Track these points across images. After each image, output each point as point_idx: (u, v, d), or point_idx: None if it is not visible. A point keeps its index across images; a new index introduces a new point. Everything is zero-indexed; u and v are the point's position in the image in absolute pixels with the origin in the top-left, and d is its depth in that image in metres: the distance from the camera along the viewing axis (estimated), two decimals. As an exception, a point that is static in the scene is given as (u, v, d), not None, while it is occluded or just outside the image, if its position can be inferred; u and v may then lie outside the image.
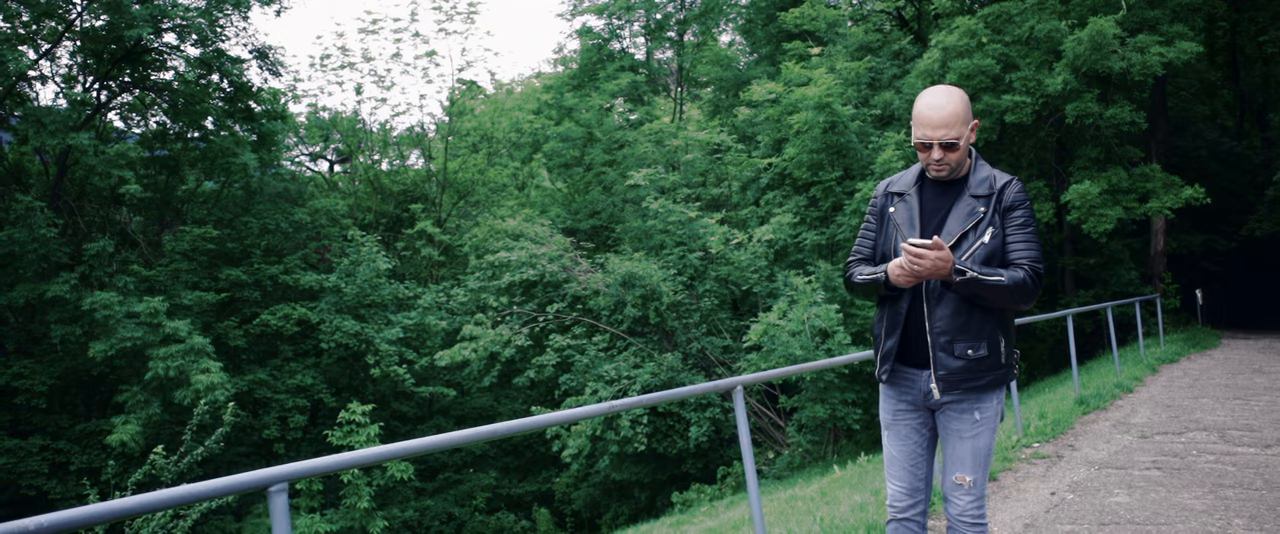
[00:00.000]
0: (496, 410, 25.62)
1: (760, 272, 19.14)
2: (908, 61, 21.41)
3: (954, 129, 3.18)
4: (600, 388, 19.81)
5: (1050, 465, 7.30)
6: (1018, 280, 3.17)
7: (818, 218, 19.53)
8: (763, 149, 21.51)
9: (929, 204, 3.36)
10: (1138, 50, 17.46)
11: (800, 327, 16.39)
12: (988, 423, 3.37)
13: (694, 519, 14.40)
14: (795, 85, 18.81)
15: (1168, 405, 9.98)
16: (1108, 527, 5.47)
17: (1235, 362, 14.38)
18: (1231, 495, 6.04)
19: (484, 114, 28.73)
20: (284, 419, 20.43)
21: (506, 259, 21.49)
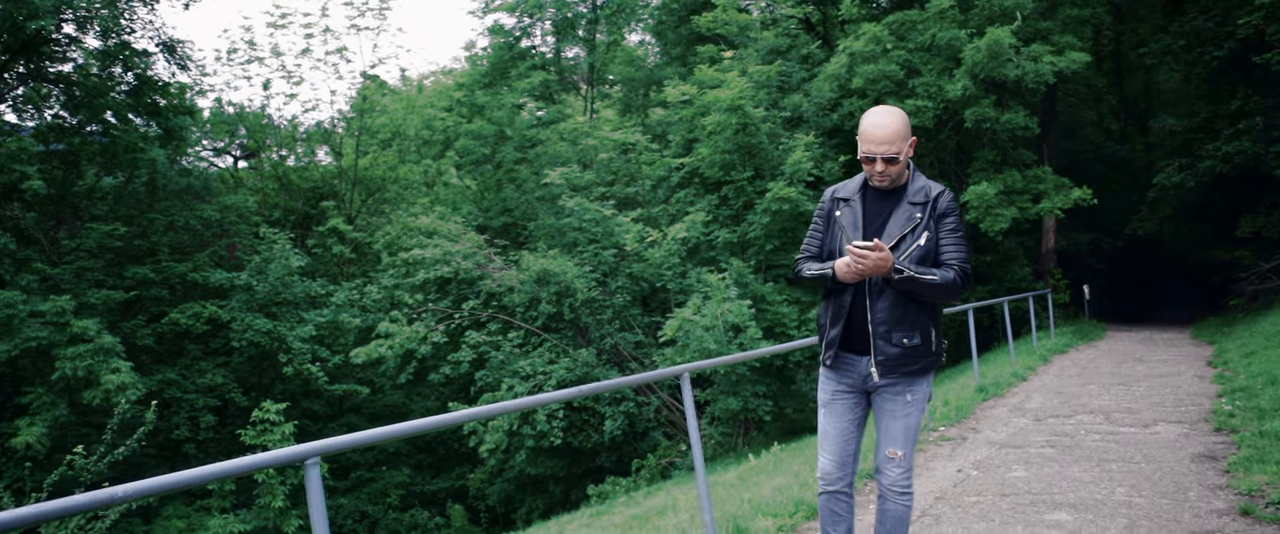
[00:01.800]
0: (408, 408, 25.57)
1: (674, 269, 19.54)
2: (816, 66, 22.05)
3: (895, 145, 3.59)
4: (516, 384, 19.98)
5: (955, 446, 7.82)
6: (949, 279, 3.60)
7: (729, 216, 20.01)
8: (674, 148, 21.94)
9: (871, 209, 3.74)
10: (1032, 59, 18.37)
11: (714, 322, 16.82)
12: (917, 404, 3.81)
13: (613, 510, 14.70)
14: (708, 87, 19.26)
15: (1059, 392, 10.67)
16: (1008, 497, 5.97)
17: (1119, 352, 15.30)
18: (1115, 468, 6.62)
19: (396, 110, 28.55)
20: (194, 419, 20.09)
21: (421, 256, 21.48)
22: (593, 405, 20.47)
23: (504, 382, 19.94)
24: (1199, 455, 6.85)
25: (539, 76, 28.27)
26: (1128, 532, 5.14)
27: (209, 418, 20.36)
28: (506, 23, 29.91)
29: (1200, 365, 12.51)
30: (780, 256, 19.31)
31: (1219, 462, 6.60)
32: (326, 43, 28.11)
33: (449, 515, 22.49)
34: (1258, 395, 8.75)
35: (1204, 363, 12.76)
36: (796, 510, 5.90)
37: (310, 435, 21.79)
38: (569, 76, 32.71)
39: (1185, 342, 16.85)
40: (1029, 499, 5.91)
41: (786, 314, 18.58)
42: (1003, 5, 19.08)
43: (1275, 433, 6.88)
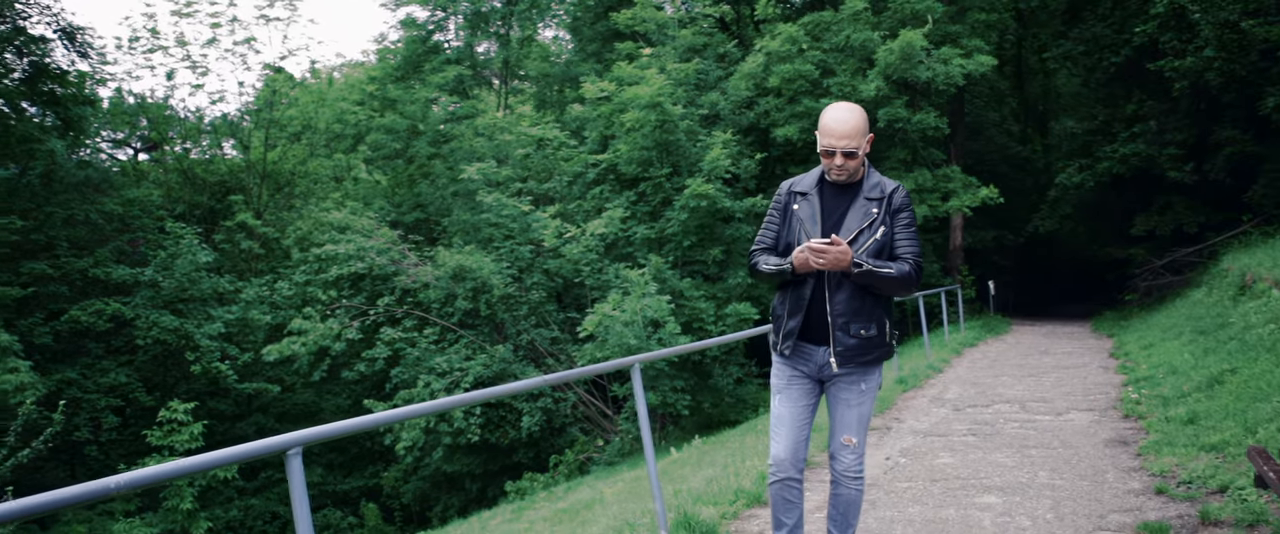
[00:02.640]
0: (319, 406, 25.11)
1: (592, 265, 19.58)
2: (732, 64, 22.31)
3: (855, 140, 3.65)
4: (432, 381, 19.78)
5: (882, 435, 8.02)
6: (904, 272, 3.70)
7: (647, 212, 20.13)
8: (590, 144, 21.97)
9: (829, 203, 3.81)
10: (942, 61, 18.89)
11: (633, 317, 16.90)
12: (870, 393, 3.93)
13: (535, 505, 14.68)
14: (627, 84, 19.34)
15: (974, 383, 11.02)
16: (938, 482, 6.16)
17: (1025, 345, 15.83)
18: (1035, 454, 6.88)
19: (306, 103, 27.93)
20: (96, 420, 19.41)
21: (334, 252, 21.11)
22: (510, 401, 20.38)
23: (420, 379, 19.73)
24: (1112, 441, 7.16)
25: (453, 71, 28.00)
26: (1053, 512, 5.36)
27: (112, 419, 19.72)
28: (419, 16, 29.56)
29: (1103, 357, 13.04)
30: (698, 252, 19.50)
31: (1130, 446, 6.91)
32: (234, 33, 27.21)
33: (362, 515, 22.13)
34: (1160, 384, 9.17)
35: (1106, 355, 13.30)
36: (737, 499, 6.00)
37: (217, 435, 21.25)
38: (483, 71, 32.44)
39: (1086, 335, 17.51)
40: (958, 483, 6.11)
41: (704, 309, 18.78)
42: (914, 9, 19.58)
43: (1180, 419, 7.22)
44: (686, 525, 5.18)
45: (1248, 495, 5.05)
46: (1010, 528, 5.12)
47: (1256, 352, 8.72)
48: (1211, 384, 8.20)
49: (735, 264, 20.07)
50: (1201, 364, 9.46)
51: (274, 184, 27.83)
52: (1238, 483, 5.27)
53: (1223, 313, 12.19)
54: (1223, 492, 5.29)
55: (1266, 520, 4.69)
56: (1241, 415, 6.69)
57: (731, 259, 20.04)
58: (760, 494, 6.12)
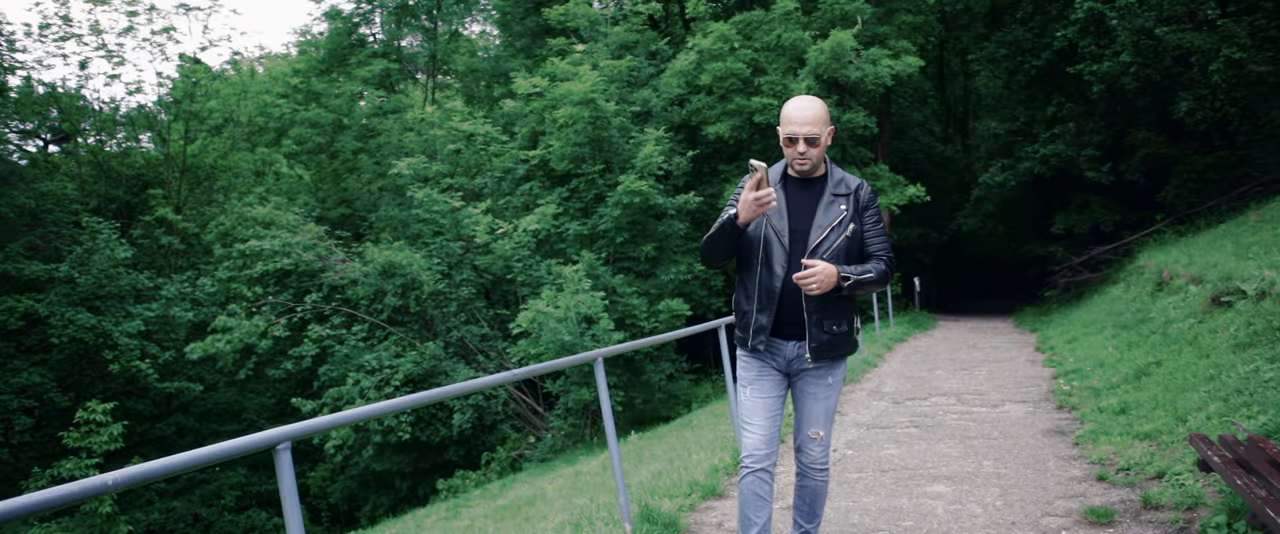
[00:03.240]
0: (243, 405, 24.58)
1: (524, 261, 19.49)
2: (664, 62, 22.39)
3: (817, 127, 3.64)
4: (362, 379, 19.52)
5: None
6: (882, 272, 3.77)
7: (579, 209, 20.11)
8: (519, 141, 21.86)
9: (794, 198, 3.79)
10: (871, 62, 19.21)
11: (567, 313, 16.88)
12: (836, 385, 3.99)
13: (470, 503, 14.57)
14: (560, 80, 19.29)
15: (909, 377, 11.25)
16: (888, 472, 6.29)
17: (953, 340, 16.20)
18: (978, 444, 7.06)
19: (228, 95, 27.25)
20: (8, 421, 18.73)
21: (259, 247, 20.69)
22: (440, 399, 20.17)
23: (349, 376, 19.45)
24: (1049, 431, 7.38)
25: (379, 65, 27.62)
26: (1002, 499, 5.51)
27: (24, 420, 19.04)
28: (344, 8, 29.12)
29: (1029, 351, 13.42)
30: (630, 249, 19.54)
31: (1067, 436, 7.13)
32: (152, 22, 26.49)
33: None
34: (1088, 376, 9.48)
35: (1032, 349, 13.68)
36: (691, 492, 6.03)
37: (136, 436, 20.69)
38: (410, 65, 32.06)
39: (1010, 329, 17.98)
40: (907, 473, 6.24)
41: (636, 306, 18.83)
42: (844, 10, 19.88)
43: (1112, 410, 7.47)
44: (648, 518, 5.19)
45: (1185, 480, 5.24)
46: (962, 515, 5.25)
47: (1179, 345, 9.05)
48: (1138, 376, 8.49)
49: (667, 261, 20.16)
50: (1126, 357, 9.79)
51: (194, 178, 27.13)
52: (1174, 469, 5.47)
53: (1142, 308, 12.61)
54: (1160, 477, 5.49)
55: (1205, 503, 4.87)
56: (1170, 405, 6.95)
57: (664, 255, 20.13)
58: (715, 487, 6.17)
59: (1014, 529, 4.95)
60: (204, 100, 26.50)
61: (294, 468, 2.91)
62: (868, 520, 5.25)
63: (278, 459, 2.83)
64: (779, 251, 3.76)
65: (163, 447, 22.14)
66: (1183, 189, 18.84)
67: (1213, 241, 14.36)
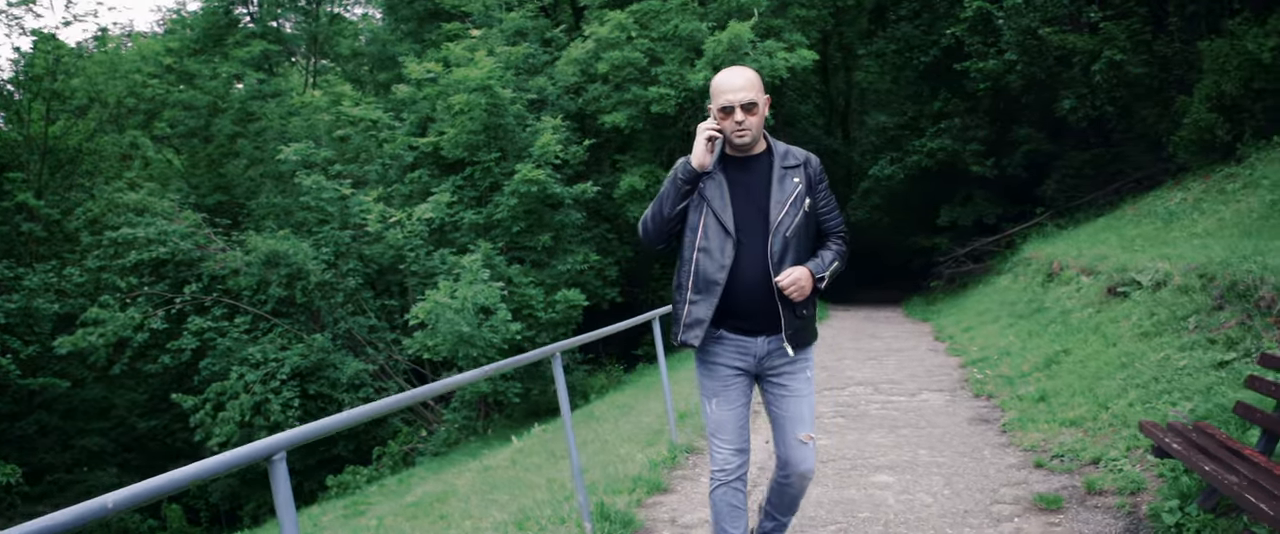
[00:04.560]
0: (112, 402, 23.37)
1: (418, 250, 19.05)
2: (559, 49, 22.17)
3: (751, 92, 3.38)
4: (247, 372, 18.81)
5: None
6: (844, 253, 3.65)
7: (474, 198, 19.75)
8: (406, 127, 21.34)
9: (735, 179, 3.51)
10: (767, 54, 19.39)
11: (464, 304, 16.56)
12: (813, 380, 3.71)
13: (368, 501, 14.16)
14: (455, 65, 18.88)
15: (820, 365, 11.37)
16: (828, 463, 6.31)
17: (851, 330, 16.50)
18: (908, 434, 7.15)
19: (94, 74, 25.79)
20: None
21: (132, 235, 19.72)
22: (329, 393, 19.63)
23: (233, 370, 18.72)
24: (973, 419, 7.54)
25: (258, 46, 26.56)
26: (948, 487, 5.57)
27: None
28: (220, -15, 27.89)
29: (929, 340, 13.75)
30: (527, 238, 19.29)
31: (992, 424, 7.29)
32: (7, -8, 24.89)
33: (165, 517, 20.78)
34: (997, 365, 9.74)
35: (931, 338, 14.03)
36: (635, 487, 5.93)
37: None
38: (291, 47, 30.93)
39: (902, 319, 18.43)
40: (847, 465, 6.26)
41: (533, 296, 18.60)
42: (740, 2, 20.00)
43: (1031, 398, 7.67)
44: (604, 516, 5.07)
45: (1123, 466, 5.39)
46: (914, 505, 5.29)
47: (1083, 334, 9.38)
48: (1049, 364, 8.76)
49: (564, 251, 19.99)
50: (1030, 346, 10.10)
51: (56, 161, 25.59)
52: (1109, 455, 5.62)
53: (1035, 298, 13.07)
54: (1096, 463, 5.63)
55: (1145, 487, 5.02)
56: (1089, 393, 7.16)
57: (560, 245, 19.94)
58: (658, 482, 6.08)
59: (968, 518, 5.00)
60: (66, 78, 25.01)
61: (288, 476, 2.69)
62: (823, 513, 5.23)
63: (273, 471, 2.63)
64: (718, 237, 3.46)
65: (22, 447, 20.90)
66: (1062, 184, 19.64)
67: (1096, 235, 14.98)
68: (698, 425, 7.74)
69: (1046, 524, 4.82)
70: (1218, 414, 5.37)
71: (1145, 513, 4.70)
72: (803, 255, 3.52)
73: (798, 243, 3.50)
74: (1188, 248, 10.45)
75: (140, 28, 55.97)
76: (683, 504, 5.69)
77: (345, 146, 21.52)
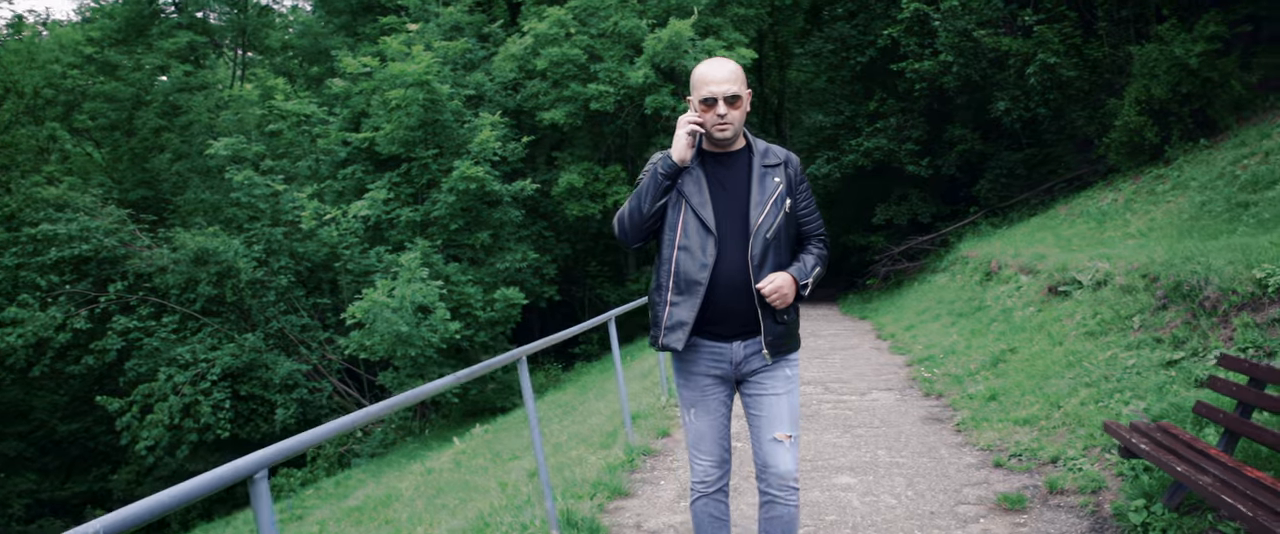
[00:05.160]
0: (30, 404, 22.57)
1: (354, 248, 18.72)
2: (496, 45, 21.95)
3: (736, 84, 3.26)
4: (175, 373, 18.35)
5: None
6: (824, 257, 3.51)
7: (411, 195, 19.46)
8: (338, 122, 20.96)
9: (714, 175, 3.38)
10: (707, 52, 19.40)
11: (402, 303, 16.32)
12: (795, 378, 3.52)
13: (305, 505, 13.87)
14: (392, 60, 18.57)
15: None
16: (790, 466, 6.27)
17: (790, 328, 16.55)
18: (863, 434, 7.17)
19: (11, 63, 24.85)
20: None
21: (52, 231, 19.09)
22: (262, 394, 19.21)
23: (161, 371, 18.24)
24: (926, 418, 7.59)
25: (185, 37, 25.89)
26: (911, 488, 5.59)
27: None
28: (147, -25, 27.08)
29: (872, 338, 13.85)
30: (465, 236, 19.07)
31: (946, 424, 7.34)
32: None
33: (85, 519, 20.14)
34: (943, 363, 9.84)
35: (874, 336, 14.13)
36: (596, 492, 5.84)
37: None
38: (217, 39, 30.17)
39: (839, 317, 18.57)
40: (808, 466, 6.25)
41: (472, 295, 18.39)
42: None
43: (982, 397, 7.76)
44: (571, 523, 4.98)
45: (1082, 465, 5.46)
46: (879, 507, 5.29)
47: (1027, 332, 9.52)
48: (995, 363, 8.87)
49: (502, 248, 19.80)
50: (974, 344, 10.23)
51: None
52: (1067, 454, 5.70)
53: (974, 296, 13.25)
54: (1054, 462, 5.70)
55: (1106, 486, 5.09)
56: (1039, 392, 7.26)
57: (499, 243, 19.76)
58: (619, 486, 5.99)
59: (934, 520, 5.02)
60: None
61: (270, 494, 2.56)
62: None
63: (254, 489, 2.50)
64: (699, 235, 3.31)
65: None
66: (995, 184, 19.99)
67: (1031, 234, 15.26)
68: (653, 427, 7.68)
69: (1012, 525, 4.86)
70: (1173, 413, 5.47)
71: (1109, 512, 4.76)
72: (783, 259, 3.40)
73: (778, 245, 3.37)
74: (1124, 248, 10.69)
75: (58, 16, 54.11)
76: (646, 509, 5.62)
77: (277, 141, 21.03)
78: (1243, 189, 11.60)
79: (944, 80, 18.77)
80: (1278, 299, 6.14)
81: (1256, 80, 14.51)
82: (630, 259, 25.42)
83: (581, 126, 20.91)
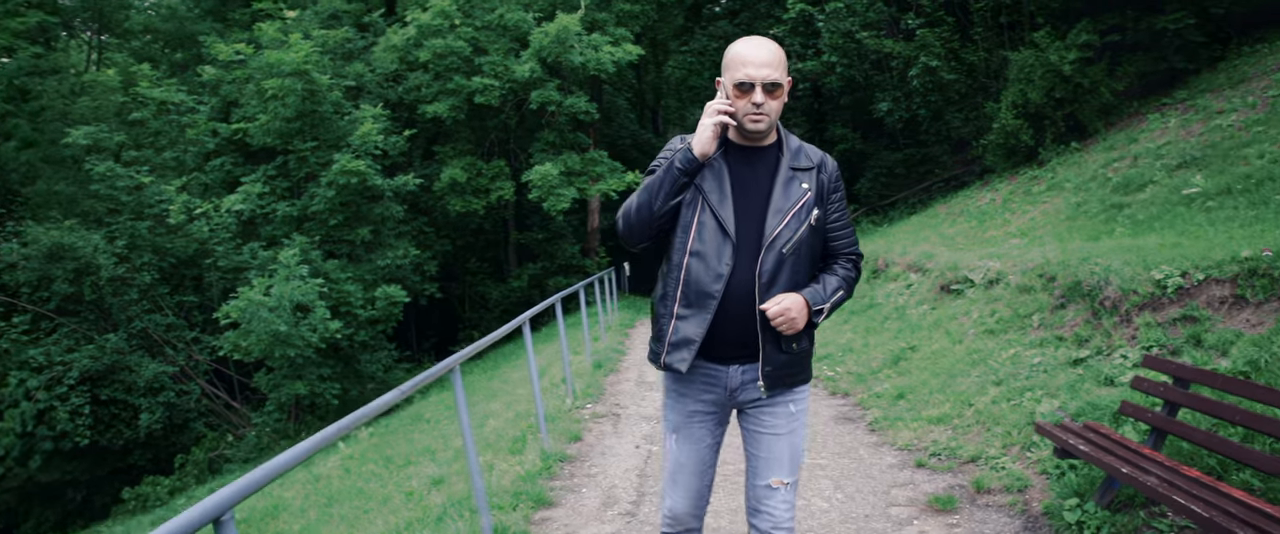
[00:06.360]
0: None
1: (226, 244, 17.90)
2: (377, 35, 21.34)
3: (778, 70, 2.77)
4: (27, 377, 17.23)
5: (614, 422, 7.99)
6: (852, 280, 3.04)
7: (287, 189, 18.75)
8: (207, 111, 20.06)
9: (740, 172, 2.91)
10: (593, 48, 19.28)
11: (280, 302, 15.70)
12: (802, 415, 3.06)
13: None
14: (268, 47, 17.82)
15: (666, 365, 11.33)
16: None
17: (680, 325, 16.58)
18: (779, 435, 7.14)
19: None
20: None
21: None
22: (125, 398, 18.22)
23: (11, 375, 17.10)
24: (838, 418, 7.63)
25: (35, 16, 24.25)
26: (840, 491, 5.58)
27: None
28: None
29: (763, 335, 13.98)
30: (345, 232, 18.48)
31: (857, 423, 7.39)
32: None
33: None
34: (842, 361, 9.96)
35: (765, 333, 14.27)
36: (518, 502, 5.63)
37: None
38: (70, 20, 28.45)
39: (726, 314, 18.72)
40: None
41: (352, 293, 17.85)
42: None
43: (888, 395, 7.86)
44: (504, 533, 4.78)
45: (1004, 464, 5.55)
46: (812, 511, 5.25)
47: (925, 330, 9.71)
48: (897, 361, 9.01)
49: (383, 244, 19.27)
50: (872, 342, 10.39)
51: None
52: (988, 453, 5.78)
53: (863, 293, 13.49)
54: (975, 461, 5.78)
55: (1031, 485, 5.18)
56: (946, 390, 7.39)
57: (380, 239, 19.22)
58: (541, 495, 5.79)
59: (869, 523, 5.01)
60: None
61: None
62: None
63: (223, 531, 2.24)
64: (716, 240, 2.84)
65: None
66: (875, 182, 20.48)
67: (914, 232, 15.65)
68: (565, 431, 7.50)
69: (946, 526, 4.88)
70: (1090, 411, 5.60)
71: (1039, 510, 4.83)
72: (800, 278, 2.91)
73: (795, 262, 2.89)
74: (1009, 247, 11.04)
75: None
76: (573, 519, 5.45)
77: (140, 131, 19.94)
78: (1115, 191, 12.13)
79: (827, 80, 19.13)
80: (1177, 300, 6.38)
81: (1123, 87, 15.23)
82: (511, 255, 25.11)
83: (465, 120, 20.52)
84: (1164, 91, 14.68)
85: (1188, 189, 10.31)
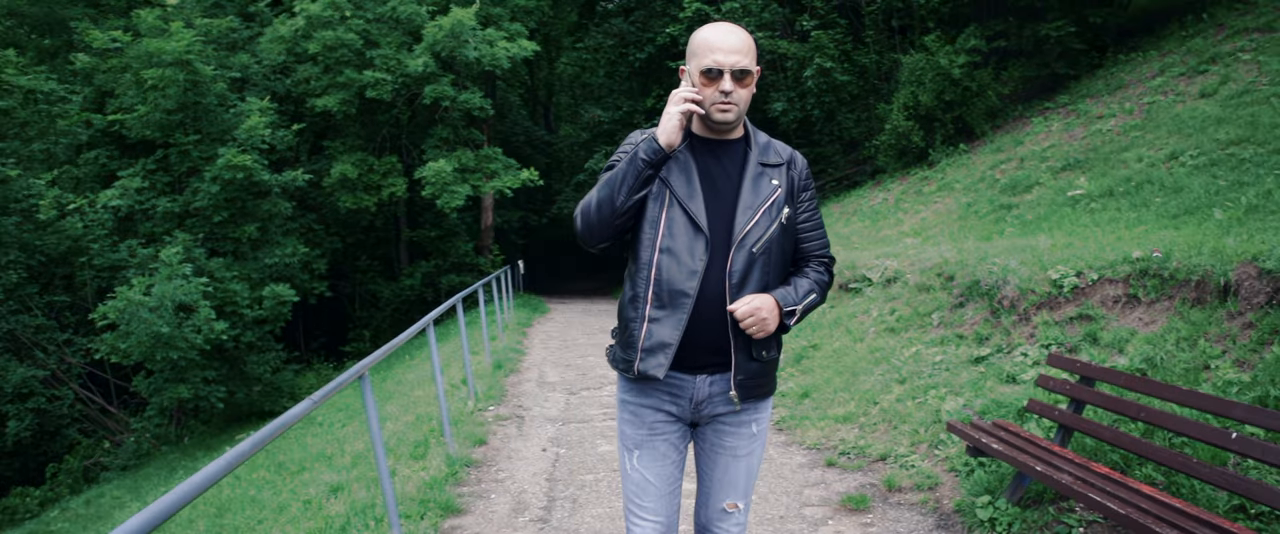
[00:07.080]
0: None
1: (102, 241, 17.08)
2: (264, 25, 20.65)
3: (747, 57, 2.62)
4: (-119, 383, 16.13)
5: (519, 425, 7.86)
6: (825, 283, 2.87)
7: (168, 184, 18.00)
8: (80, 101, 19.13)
9: (706, 167, 2.74)
10: (488, 43, 19.02)
11: (161, 302, 15.06)
12: (762, 436, 2.92)
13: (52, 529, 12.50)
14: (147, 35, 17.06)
15: (566, 364, 11.25)
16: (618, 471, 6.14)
17: (577, 325, 16.51)
18: (687, 435, 7.13)
19: None
20: None
21: None
22: (-13, 404, 17.25)
23: None
24: (745, 417, 7.65)
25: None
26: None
27: None
28: None
29: (663, 334, 13.99)
30: (231, 229, 17.84)
31: (765, 421, 7.43)
32: None
33: None
34: (745, 360, 10.01)
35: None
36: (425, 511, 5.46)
37: None
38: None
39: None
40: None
41: (238, 292, 17.25)
42: (462, -13, 19.53)
43: (793, 394, 7.93)
44: (418, 545, 4.63)
45: (912, 462, 5.64)
46: (729, 512, 5.23)
47: (825, 328, 9.83)
48: (799, 359, 9.10)
49: (271, 242, 18.66)
50: (773, 340, 10.47)
51: None
52: (896, 451, 5.87)
53: (762, 292, 13.63)
54: (884, 460, 5.86)
55: (941, 483, 5.26)
56: (850, 388, 7.48)
57: (267, 236, 18.60)
58: (450, 503, 5.64)
59: (785, 523, 5.02)
60: None
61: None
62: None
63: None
64: (687, 235, 2.65)
65: None
66: (771, 182, 20.71)
67: (810, 231, 15.87)
68: (468, 435, 7.34)
69: (860, 525, 4.92)
70: (994, 410, 5.72)
71: (951, 508, 4.91)
72: (770, 279, 2.74)
73: (765, 262, 2.72)
74: (905, 246, 11.27)
75: None
76: (484, 526, 5.32)
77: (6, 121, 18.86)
78: (1004, 192, 12.52)
79: (723, 80, 19.25)
80: (1073, 298, 6.58)
81: (1008, 91, 15.74)
82: (403, 253, 24.63)
83: (355, 115, 20.03)
84: (1047, 96, 15.24)
85: (1073, 191, 10.70)
